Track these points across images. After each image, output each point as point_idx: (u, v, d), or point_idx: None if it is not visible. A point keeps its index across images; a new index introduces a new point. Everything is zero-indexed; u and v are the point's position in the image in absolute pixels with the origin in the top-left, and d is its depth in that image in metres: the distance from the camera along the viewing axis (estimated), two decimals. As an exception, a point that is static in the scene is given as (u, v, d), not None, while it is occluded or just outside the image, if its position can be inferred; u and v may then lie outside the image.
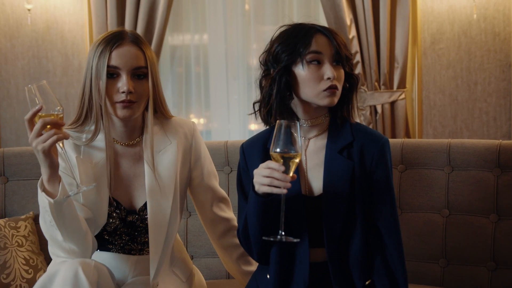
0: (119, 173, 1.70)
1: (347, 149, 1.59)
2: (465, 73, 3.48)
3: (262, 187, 1.45)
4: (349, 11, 3.38)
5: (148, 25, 3.40)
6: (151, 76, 1.66)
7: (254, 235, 1.56)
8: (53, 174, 1.49)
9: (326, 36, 1.57)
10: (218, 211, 1.82)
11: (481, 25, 3.43)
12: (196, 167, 1.80)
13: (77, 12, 3.48)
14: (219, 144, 2.33)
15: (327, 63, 1.55)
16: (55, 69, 3.52)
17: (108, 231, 1.71)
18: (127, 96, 1.61)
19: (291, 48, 1.57)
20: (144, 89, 1.64)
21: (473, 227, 2.09)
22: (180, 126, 1.78)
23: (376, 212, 1.57)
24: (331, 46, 1.56)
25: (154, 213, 1.67)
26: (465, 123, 3.51)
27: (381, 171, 1.58)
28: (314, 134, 1.63)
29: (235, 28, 3.63)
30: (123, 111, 1.62)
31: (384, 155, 1.59)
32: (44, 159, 1.46)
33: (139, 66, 1.64)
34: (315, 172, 1.60)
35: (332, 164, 1.58)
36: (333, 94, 1.55)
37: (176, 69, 3.69)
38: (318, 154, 1.61)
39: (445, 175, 2.15)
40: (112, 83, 1.63)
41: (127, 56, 1.63)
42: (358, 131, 1.62)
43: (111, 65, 1.62)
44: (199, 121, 3.77)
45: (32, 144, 1.45)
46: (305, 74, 1.56)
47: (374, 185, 1.58)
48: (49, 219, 1.52)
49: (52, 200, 1.49)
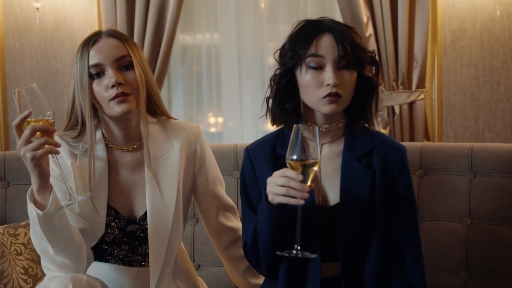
0: (118, 180, 1.62)
1: (366, 157, 1.49)
2: (487, 72, 3.34)
3: (277, 197, 1.34)
4: (366, 8, 3.26)
5: (158, 24, 3.33)
6: (137, 65, 1.56)
7: (265, 249, 1.46)
8: (43, 183, 1.40)
9: (332, 37, 1.44)
10: (224, 220, 1.72)
11: (505, 22, 3.29)
12: (201, 173, 1.70)
13: (86, 11, 3.42)
14: (228, 148, 2.24)
15: (329, 68, 1.43)
16: (63, 69, 3.46)
17: (107, 241, 1.62)
18: (119, 89, 1.52)
19: (293, 50, 1.47)
20: (134, 79, 1.55)
21: (497, 237, 1.97)
22: (184, 129, 1.69)
23: (396, 224, 1.48)
24: (336, 49, 1.43)
25: (154, 222, 1.58)
26: (487, 125, 3.37)
27: (403, 181, 1.49)
28: (328, 140, 1.53)
29: (248, 26, 3.54)
30: (120, 107, 1.53)
31: (406, 164, 1.51)
32: (34, 168, 1.37)
33: (121, 55, 1.56)
34: (331, 180, 1.50)
35: (350, 172, 1.48)
36: (334, 102, 1.43)
37: (187, 69, 3.61)
38: (334, 161, 1.51)
39: (467, 181, 2.03)
40: (99, 82, 1.54)
41: (106, 49, 1.54)
42: (379, 138, 1.52)
43: (92, 64, 1.54)
44: (210, 123, 3.69)
45: (20, 151, 1.36)
46: (305, 79, 1.46)
47: (395, 195, 1.48)
48: (39, 232, 1.44)
49: (41, 212, 1.40)
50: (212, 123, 3.70)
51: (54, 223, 1.43)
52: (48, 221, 1.41)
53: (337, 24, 1.47)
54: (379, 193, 1.47)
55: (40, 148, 1.35)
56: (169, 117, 1.70)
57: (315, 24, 1.47)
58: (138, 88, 1.56)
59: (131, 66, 1.56)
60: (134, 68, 1.56)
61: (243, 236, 1.56)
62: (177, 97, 3.58)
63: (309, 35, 1.45)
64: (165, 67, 3.40)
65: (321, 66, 1.44)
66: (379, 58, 3.30)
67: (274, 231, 1.41)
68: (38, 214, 1.40)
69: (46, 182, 1.41)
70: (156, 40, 3.35)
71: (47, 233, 1.43)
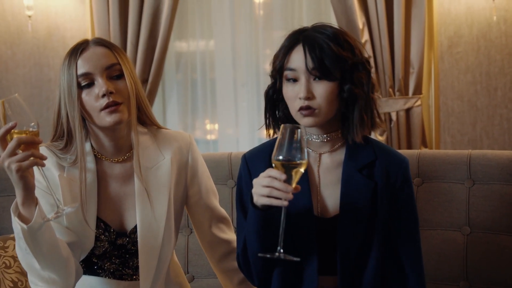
0: (108, 192, 1.57)
1: (368, 168, 1.45)
2: (485, 78, 3.32)
3: (261, 198, 1.31)
4: (361, 14, 3.24)
5: (151, 31, 3.29)
6: (127, 74, 1.52)
7: (253, 255, 1.41)
8: (28, 196, 1.36)
9: (302, 48, 1.40)
10: (218, 232, 1.67)
11: (501, 27, 3.26)
12: (193, 184, 1.66)
13: (79, 19, 3.38)
14: (222, 156, 2.20)
15: (303, 80, 1.39)
16: (56, 77, 3.40)
17: (97, 255, 1.57)
18: (110, 98, 1.47)
19: (274, 62, 1.46)
20: (125, 88, 1.51)
21: (497, 246, 1.93)
22: (175, 139, 1.64)
23: (397, 237, 1.45)
24: (304, 60, 1.39)
25: (144, 235, 1.53)
26: (485, 131, 3.34)
27: (405, 194, 1.46)
28: (327, 149, 1.49)
29: (243, 33, 3.51)
30: (112, 117, 1.48)
31: (409, 176, 1.47)
32: (19, 180, 1.33)
33: (111, 63, 1.51)
34: (330, 190, 1.46)
35: (351, 183, 1.44)
36: (309, 115, 1.39)
37: (181, 76, 3.58)
38: (333, 172, 1.47)
39: (465, 189, 2.00)
40: (88, 93, 1.50)
41: (94, 57, 1.50)
42: (381, 149, 1.48)
43: (81, 73, 1.49)
44: (205, 130, 3.65)
45: (5, 163, 1.32)
46: (284, 91, 1.44)
47: (397, 208, 1.45)
48: (24, 246, 1.39)
49: (25, 226, 1.35)
50: (207, 130, 3.66)
51: (40, 237, 1.38)
52: (33, 235, 1.37)
53: (316, 33, 1.41)
54: (380, 205, 1.43)
55: (26, 160, 1.32)
56: (160, 127, 1.65)
57: (294, 35, 1.44)
58: (129, 97, 1.52)
59: (121, 75, 1.52)
60: (124, 76, 1.52)
61: (237, 246, 1.52)
62: (171, 104, 3.55)
63: (286, 47, 1.43)
64: (159, 74, 3.36)
65: (296, 78, 1.41)
66: (375, 64, 3.27)
67: (261, 235, 1.37)
68: (22, 228, 1.35)
69: (31, 195, 1.36)
70: (150, 47, 3.31)
71: (33, 247, 1.38)
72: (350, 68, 1.40)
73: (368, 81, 1.43)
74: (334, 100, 1.40)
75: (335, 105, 1.42)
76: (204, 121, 3.64)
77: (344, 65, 1.39)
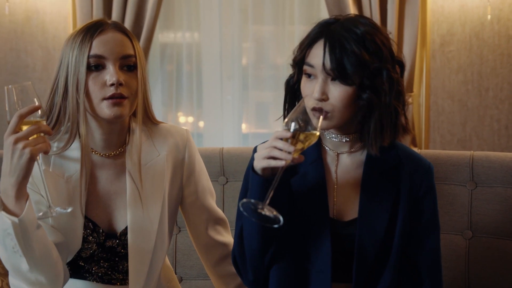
0: (97, 189, 1.44)
1: (391, 171, 1.36)
2: (476, 77, 3.27)
3: (260, 162, 1.20)
4: (354, 8, 3.15)
5: (137, 18, 3.15)
6: (140, 68, 1.40)
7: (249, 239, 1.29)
8: (23, 188, 1.24)
9: (323, 44, 1.29)
10: (214, 234, 1.56)
11: (495, 27, 3.21)
12: (189, 183, 1.54)
13: (59, 2, 3.21)
14: (213, 152, 2.08)
15: (319, 79, 1.29)
16: (34, 64, 3.25)
17: (84, 257, 1.44)
18: (118, 89, 1.35)
19: (296, 54, 1.37)
20: (135, 83, 1.39)
21: (500, 251, 1.88)
22: (171, 134, 1.52)
23: (417, 247, 1.36)
24: (322, 58, 1.29)
25: (136, 238, 1.41)
26: (475, 131, 3.29)
27: (428, 202, 1.38)
28: (346, 149, 1.39)
29: (231, 26, 3.40)
30: (113, 110, 1.35)
31: (433, 184, 1.39)
32: (27, 167, 1.23)
33: (128, 54, 1.39)
34: (348, 193, 1.37)
35: (372, 186, 1.34)
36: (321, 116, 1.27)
37: (166, 67, 3.45)
38: (352, 173, 1.38)
39: (467, 192, 1.93)
40: (96, 76, 1.37)
41: (112, 43, 1.37)
42: (405, 153, 1.39)
43: (94, 54, 1.36)
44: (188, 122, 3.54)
45: (18, 145, 1.21)
46: (302, 86, 1.35)
47: (419, 217, 1.36)
48: (11, 245, 1.26)
49: (16, 219, 1.23)
50: (189, 122, 3.54)
51: (31, 234, 1.26)
52: (25, 230, 1.24)
53: (343, 29, 1.29)
54: (402, 211, 1.35)
55: (38, 144, 1.24)
56: (156, 122, 1.53)
57: (320, 27, 1.34)
58: (136, 93, 1.40)
59: (134, 68, 1.40)
60: (137, 70, 1.40)
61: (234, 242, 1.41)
62: (156, 95, 3.42)
63: (310, 39, 1.33)
64: (143, 64, 3.23)
65: (314, 75, 1.31)
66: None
67: None
68: (13, 222, 1.23)
69: (25, 186, 1.25)
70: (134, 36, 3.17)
71: (23, 244, 1.25)
72: (372, 74, 1.28)
73: (391, 89, 1.30)
74: (349, 105, 1.29)
75: (350, 111, 1.31)
76: (188, 114, 3.52)
77: (365, 70, 1.27)
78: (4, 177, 1.26)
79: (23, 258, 1.27)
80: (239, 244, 1.35)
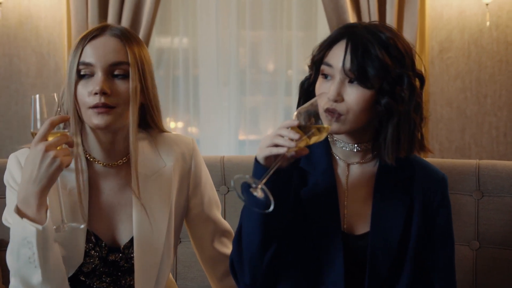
0: (100, 201, 1.39)
1: (404, 183, 1.32)
2: (475, 84, 3.25)
3: (263, 150, 1.15)
4: (353, 14, 3.13)
5: (133, 23, 3.11)
6: (137, 77, 1.34)
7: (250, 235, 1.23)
8: (45, 197, 1.23)
9: (344, 45, 1.26)
10: (220, 247, 1.52)
11: (493, 33, 3.20)
12: (195, 194, 1.50)
13: (54, 7, 3.16)
14: (214, 160, 2.04)
15: (337, 79, 1.25)
16: (28, 70, 3.19)
17: (85, 272, 1.39)
18: (101, 99, 1.30)
19: (314, 54, 1.33)
20: (125, 90, 1.34)
21: (508, 262, 1.84)
22: (177, 144, 1.48)
23: (431, 261, 1.33)
24: (342, 59, 1.25)
25: (142, 251, 1.37)
26: (474, 139, 3.28)
27: (443, 215, 1.34)
28: (357, 160, 1.34)
29: (228, 31, 3.36)
30: (97, 119, 1.31)
31: (447, 196, 1.35)
32: (54, 176, 1.23)
33: (117, 61, 1.33)
34: (360, 205, 1.32)
35: (384, 198, 1.30)
36: (335, 120, 1.24)
37: (162, 73, 3.41)
38: (364, 185, 1.33)
39: (474, 202, 1.90)
40: (84, 84, 1.33)
41: (102, 49, 1.33)
42: (419, 164, 1.35)
43: (83, 62, 1.33)
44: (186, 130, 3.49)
45: (50, 153, 1.21)
46: (316, 87, 1.30)
47: (433, 230, 1.33)
48: (28, 255, 1.23)
49: (40, 226, 1.21)
50: (188, 131, 3.50)
51: (51, 244, 1.24)
52: (46, 239, 1.23)
53: (367, 32, 1.25)
54: (415, 224, 1.31)
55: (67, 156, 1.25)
56: (162, 130, 1.48)
57: (342, 28, 1.30)
58: (127, 102, 1.34)
59: (125, 76, 1.34)
60: (129, 78, 1.34)
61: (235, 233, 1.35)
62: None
63: (330, 39, 1.29)
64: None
65: (332, 75, 1.27)
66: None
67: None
68: (37, 229, 1.21)
69: (46, 196, 1.24)
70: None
71: (42, 255, 1.23)
72: (393, 80, 1.24)
73: (411, 98, 1.26)
74: (365, 110, 1.25)
75: (366, 116, 1.26)
76: (184, 120, 3.48)
77: (386, 75, 1.23)
78: (26, 185, 1.23)
79: (38, 269, 1.24)
80: (237, 247, 1.30)
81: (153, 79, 1.41)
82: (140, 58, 1.37)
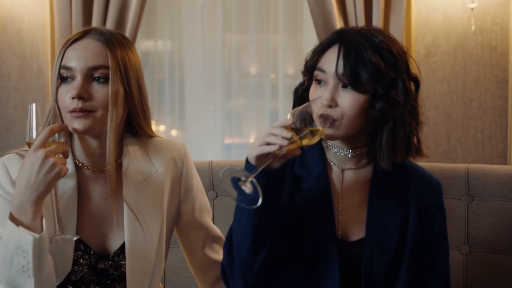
0: (89, 208, 1.36)
1: (399, 189, 1.31)
2: (460, 88, 3.27)
3: (254, 150, 1.13)
4: (340, 19, 3.13)
5: (118, 26, 3.08)
6: (119, 81, 1.31)
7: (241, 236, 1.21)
8: (40, 205, 1.21)
9: (337, 49, 1.24)
10: (211, 253, 1.49)
11: (478, 38, 3.23)
12: (186, 200, 1.47)
13: (37, 10, 3.11)
14: (202, 165, 2.01)
15: (330, 85, 1.23)
16: (10, 73, 3.14)
17: (73, 281, 1.36)
18: (79, 103, 1.28)
19: (307, 60, 1.32)
20: (104, 95, 1.31)
21: (499, 266, 1.84)
22: (168, 149, 1.45)
23: (427, 267, 1.32)
24: (335, 64, 1.23)
25: (134, 259, 1.34)
26: (460, 142, 3.29)
27: (437, 221, 1.34)
28: (352, 165, 1.33)
29: (214, 34, 3.34)
30: (75, 123, 1.29)
31: (442, 201, 1.35)
32: (52, 183, 1.21)
33: (97, 65, 1.30)
34: (354, 211, 1.31)
35: (379, 204, 1.29)
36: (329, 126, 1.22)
37: (147, 76, 3.37)
38: (358, 190, 1.32)
39: (463, 206, 1.90)
40: (65, 88, 1.31)
41: (82, 52, 1.31)
42: (414, 169, 1.34)
43: (63, 65, 1.31)
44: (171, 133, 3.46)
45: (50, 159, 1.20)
46: (310, 93, 1.29)
47: (429, 235, 1.32)
48: (22, 264, 1.20)
49: (37, 235, 1.19)
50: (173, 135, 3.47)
51: (46, 253, 1.22)
52: (42, 248, 1.21)
53: (359, 36, 1.24)
54: (410, 230, 1.30)
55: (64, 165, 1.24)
56: (152, 135, 1.45)
57: (335, 33, 1.29)
58: (107, 106, 1.31)
59: (106, 80, 1.31)
60: (108, 82, 1.31)
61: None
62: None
63: (323, 45, 1.28)
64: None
65: (325, 81, 1.26)
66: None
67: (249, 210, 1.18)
68: (34, 238, 1.19)
69: (41, 204, 1.22)
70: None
71: (36, 264, 1.21)
72: (387, 84, 1.23)
73: (406, 101, 1.25)
74: (360, 115, 1.23)
75: (360, 122, 1.25)
76: (169, 124, 3.44)
77: (380, 79, 1.22)
78: (23, 191, 1.21)
79: (32, 279, 1.21)
80: (228, 251, 1.28)
81: (140, 84, 1.37)
82: (124, 62, 1.33)
